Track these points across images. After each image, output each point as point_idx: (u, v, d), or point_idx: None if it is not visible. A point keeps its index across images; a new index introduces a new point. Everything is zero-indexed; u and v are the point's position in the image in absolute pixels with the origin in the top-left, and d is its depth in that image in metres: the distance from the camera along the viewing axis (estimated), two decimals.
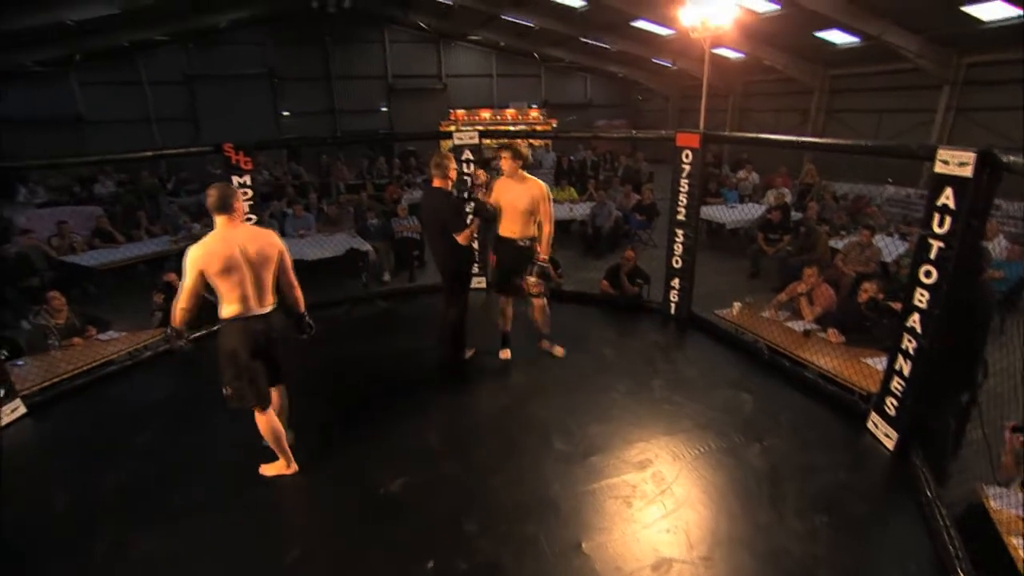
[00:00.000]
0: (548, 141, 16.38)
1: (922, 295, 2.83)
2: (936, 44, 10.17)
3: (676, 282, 4.88)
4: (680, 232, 4.73)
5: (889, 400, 3.12)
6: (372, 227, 8.08)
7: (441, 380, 4.03)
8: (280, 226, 8.02)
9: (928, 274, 2.78)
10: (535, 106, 19.59)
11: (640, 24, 13.84)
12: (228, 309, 2.64)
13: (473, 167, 5.53)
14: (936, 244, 2.73)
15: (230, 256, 2.54)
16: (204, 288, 2.62)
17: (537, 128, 17.85)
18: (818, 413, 3.53)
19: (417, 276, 7.42)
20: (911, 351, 2.93)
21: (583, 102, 21.48)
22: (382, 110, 19.63)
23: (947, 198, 2.65)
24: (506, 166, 3.79)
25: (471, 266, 4.18)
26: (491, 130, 17.26)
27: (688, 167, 4.54)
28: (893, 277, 5.89)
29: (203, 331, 4.64)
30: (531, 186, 3.78)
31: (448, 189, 3.77)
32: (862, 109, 12.79)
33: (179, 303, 2.65)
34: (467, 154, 5.50)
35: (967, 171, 2.55)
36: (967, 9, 8.80)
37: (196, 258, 2.54)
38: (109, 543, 2.59)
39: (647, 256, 6.35)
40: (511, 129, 17.91)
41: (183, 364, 3.26)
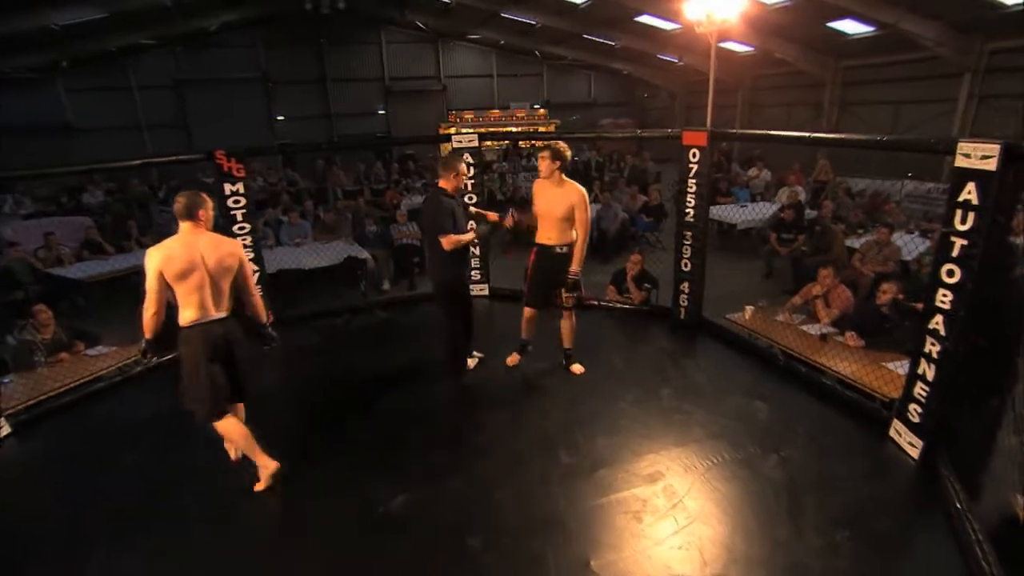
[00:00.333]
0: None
1: (944, 295, 2.80)
2: (956, 30, 10.09)
3: (685, 286, 4.86)
4: (688, 234, 4.71)
5: (912, 406, 3.08)
6: (370, 234, 8.09)
7: (442, 392, 4.02)
8: (275, 234, 8.04)
9: (951, 273, 2.75)
10: (537, 106, 19.67)
11: (644, 19, 13.91)
12: (186, 315, 2.74)
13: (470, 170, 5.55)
14: (959, 242, 2.70)
15: (189, 260, 2.66)
16: (169, 292, 2.71)
17: (539, 129, 17.90)
18: (837, 421, 3.49)
19: (418, 284, 7.41)
20: (934, 354, 2.89)
21: (587, 101, 21.56)
22: (379, 113, 19.76)
23: (969, 193, 2.62)
24: (544, 168, 3.71)
25: (462, 276, 3.98)
26: (492, 132, 17.40)
27: (695, 166, 4.52)
28: (914, 276, 5.84)
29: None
30: (569, 190, 3.73)
31: (449, 190, 3.73)
32: (878, 101, 12.78)
33: (147, 308, 2.71)
34: (467, 157, 5.51)
35: (991, 164, 2.53)
36: None
37: (155, 260, 2.64)
38: (96, 565, 2.58)
39: (655, 259, 6.32)
40: (513, 131, 17.99)
41: (174, 380, 3.29)
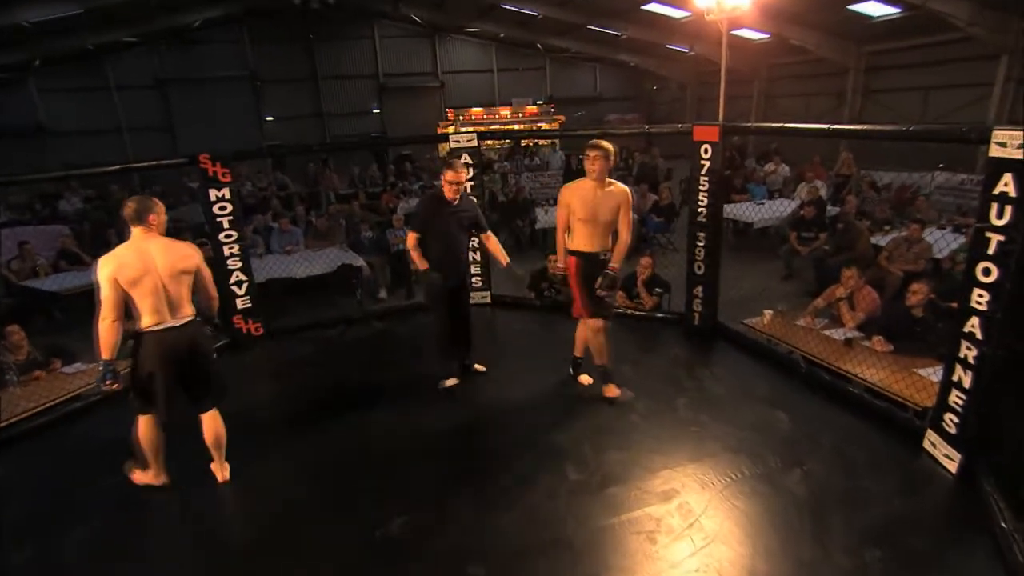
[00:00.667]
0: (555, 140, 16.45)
1: (980, 296, 2.75)
2: (990, 8, 9.88)
3: (699, 290, 4.82)
4: (701, 234, 4.68)
5: (948, 416, 3.03)
6: (366, 240, 8.09)
7: (443, 406, 4.00)
8: (265, 242, 8.05)
9: (987, 272, 2.71)
10: (540, 102, 19.72)
11: (652, 7, 13.94)
12: (143, 321, 2.84)
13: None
14: (995, 238, 2.65)
15: (141, 266, 2.77)
16: (124, 301, 2.78)
17: (542, 126, 17.95)
18: (865, 432, 3.44)
19: (416, 292, 7.40)
20: (971, 359, 2.84)
21: (592, 95, 21.62)
22: (374, 112, 19.86)
23: (1006, 185, 2.57)
24: (599, 169, 3.54)
25: (438, 278, 3.88)
26: (492, 131, 17.45)
27: (707, 163, 4.50)
28: (947, 275, 5.79)
29: None
30: (616, 192, 3.61)
31: (446, 196, 3.84)
32: (905, 88, 12.70)
33: (103, 319, 2.73)
34: (465, 158, 5.51)
35: None
36: None
37: (108, 268, 2.73)
38: None
39: (667, 262, 6.29)
40: (515, 128, 18.04)
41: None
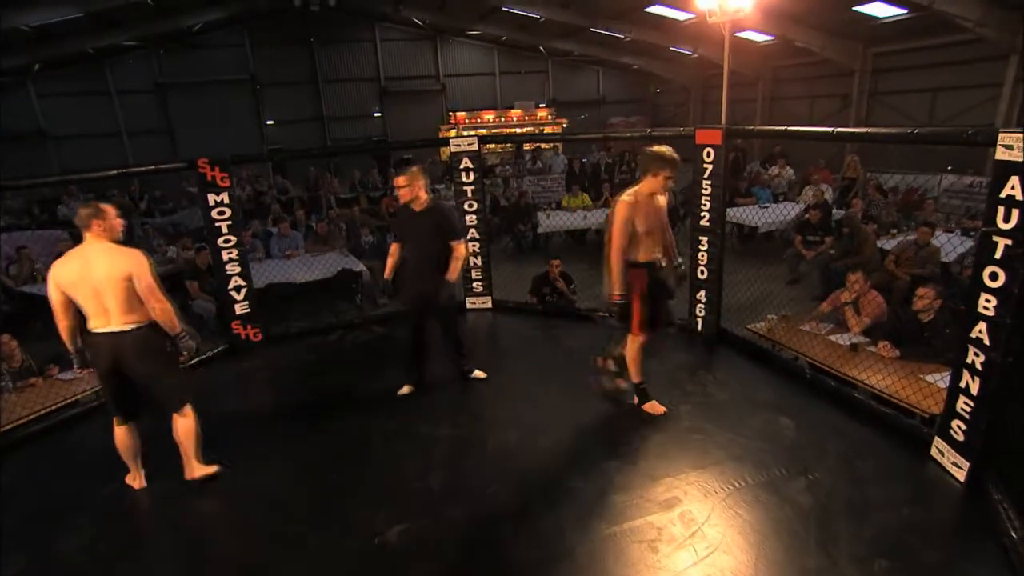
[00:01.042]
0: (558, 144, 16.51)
1: (988, 301, 2.73)
2: (1000, 8, 9.85)
3: (702, 295, 4.82)
4: (704, 239, 4.69)
5: (956, 423, 3.01)
6: (366, 245, 8.11)
7: (442, 412, 4.00)
8: (265, 246, 8.07)
9: (994, 276, 2.69)
10: (543, 105, 19.76)
11: (655, 9, 13.96)
12: (88, 323, 3.00)
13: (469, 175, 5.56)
14: (1002, 242, 2.64)
15: (78, 272, 2.90)
16: (70, 303, 2.95)
17: (545, 129, 17.98)
18: (871, 439, 3.43)
19: None
20: (978, 365, 2.82)
21: (595, 98, 21.64)
22: (375, 115, 19.90)
23: (1013, 188, 2.56)
24: (665, 182, 3.45)
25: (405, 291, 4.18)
26: (494, 135, 17.48)
27: (710, 166, 4.51)
28: (956, 280, 5.77)
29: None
30: (662, 198, 3.62)
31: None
32: (912, 89, 12.66)
33: (57, 321, 2.99)
34: (466, 162, 5.53)
35: None
36: None
37: (51, 273, 2.95)
38: None
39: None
40: (517, 132, 18.08)
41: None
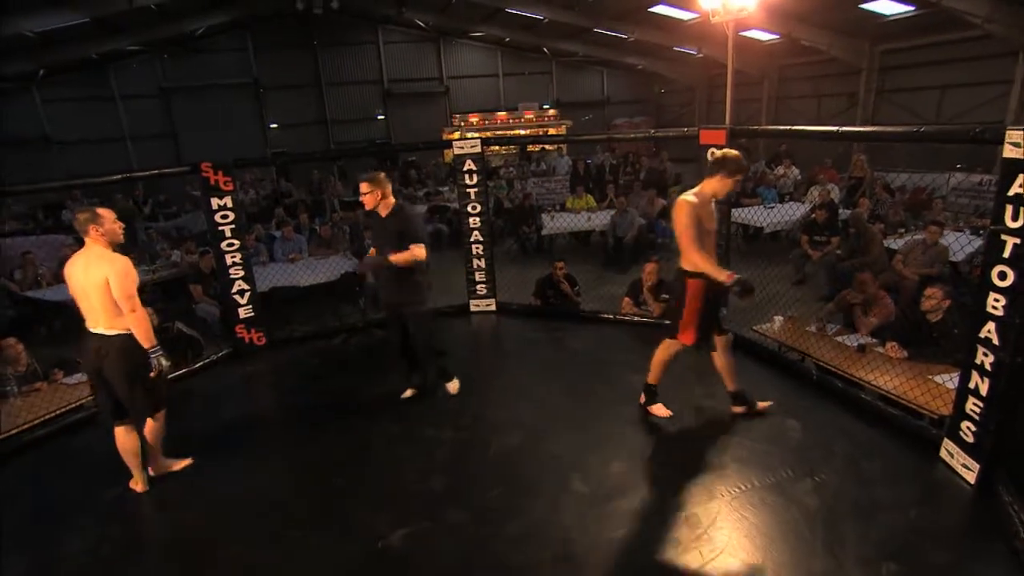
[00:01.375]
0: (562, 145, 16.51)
1: (996, 300, 2.72)
2: (1009, 4, 9.83)
3: None
4: None
5: (965, 424, 2.99)
6: (370, 248, 8.10)
7: (444, 415, 4.00)
8: (268, 250, 8.11)
9: (1003, 276, 2.68)
10: (546, 107, 19.77)
11: (659, 9, 13.96)
12: (85, 322, 3.16)
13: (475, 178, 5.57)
14: (1011, 241, 2.62)
15: (74, 273, 3.11)
16: None
17: (549, 131, 17.98)
18: (879, 441, 3.41)
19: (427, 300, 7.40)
20: (987, 366, 2.81)
21: (599, 99, 21.63)
22: (379, 118, 19.96)
23: (1021, 186, 2.55)
24: (733, 185, 3.39)
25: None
26: (498, 136, 17.52)
27: None
28: (966, 279, 5.74)
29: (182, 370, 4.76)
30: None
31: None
32: (920, 87, 12.61)
33: None
34: (469, 164, 5.54)
35: None
36: None
37: (64, 273, 3.18)
38: None
39: (675, 268, 6.26)
40: (522, 134, 18.09)
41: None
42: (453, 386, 4.30)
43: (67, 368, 4.85)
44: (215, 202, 4.94)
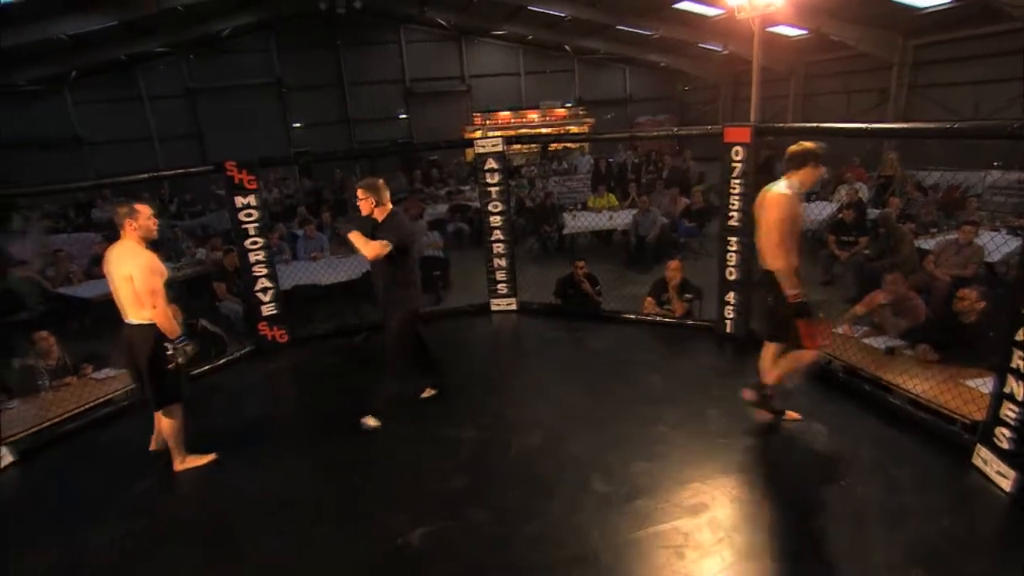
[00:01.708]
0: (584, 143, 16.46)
1: None
2: None
3: (731, 296, 4.77)
4: (734, 240, 4.63)
5: (1000, 430, 2.92)
6: None
7: (464, 414, 4.02)
8: (291, 248, 8.21)
9: None
10: (568, 104, 19.72)
11: (683, 5, 13.84)
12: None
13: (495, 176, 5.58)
14: None
15: (108, 265, 3.25)
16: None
17: (571, 129, 17.94)
18: (908, 446, 3.35)
19: (443, 298, 7.45)
20: None
21: (622, 97, 21.51)
22: (401, 117, 20.11)
23: None
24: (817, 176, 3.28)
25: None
26: (520, 135, 17.52)
27: (739, 165, 4.46)
28: (1002, 280, 5.59)
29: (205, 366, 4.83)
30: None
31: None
32: (955, 82, 12.30)
33: None
34: (490, 163, 5.55)
35: None
36: None
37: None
38: None
39: (699, 267, 6.23)
40: (544, 132, 18.09)
41: (185, 403, 3.46)
42: (370, 420, 3.95)
43: (96, 363, 4.98)
44: (239, 200, 5.03)
